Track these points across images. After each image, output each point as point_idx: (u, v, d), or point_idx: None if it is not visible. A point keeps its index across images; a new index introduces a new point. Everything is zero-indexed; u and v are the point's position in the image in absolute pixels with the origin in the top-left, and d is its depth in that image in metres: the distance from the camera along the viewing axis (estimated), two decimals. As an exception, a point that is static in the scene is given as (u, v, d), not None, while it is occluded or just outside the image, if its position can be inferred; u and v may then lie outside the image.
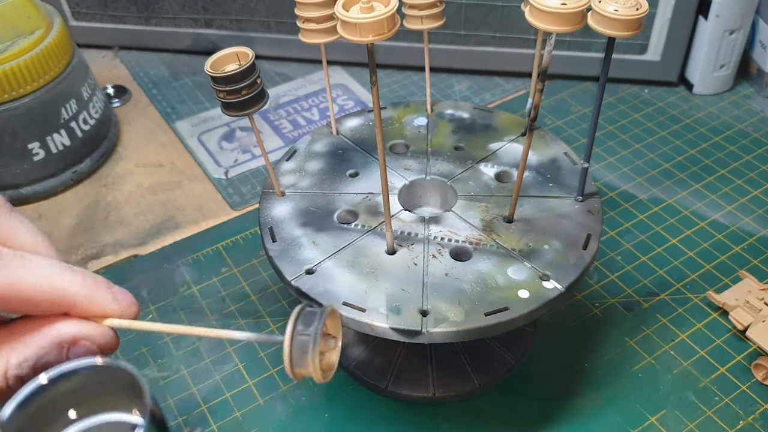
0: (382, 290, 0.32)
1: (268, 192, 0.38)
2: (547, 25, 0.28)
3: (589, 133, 0.34)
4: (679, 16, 0.56)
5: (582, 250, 0.34)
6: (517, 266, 0.33)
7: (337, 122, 0.42)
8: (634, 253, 0.46)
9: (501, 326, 0.31)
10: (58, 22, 0.51)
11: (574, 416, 0.38)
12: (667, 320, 0.42)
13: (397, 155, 0.40)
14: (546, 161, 0.39)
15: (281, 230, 0.36)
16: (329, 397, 0.39)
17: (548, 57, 0.29)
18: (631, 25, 0.28)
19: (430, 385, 0.38)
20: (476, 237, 0.35)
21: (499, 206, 0.36)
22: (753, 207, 0.50)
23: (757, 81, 0.60)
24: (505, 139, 0.41)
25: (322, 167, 0.39)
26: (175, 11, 0.64)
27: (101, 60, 0.66)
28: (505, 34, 0.60)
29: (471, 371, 0.38)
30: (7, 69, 0.47)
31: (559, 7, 0.27)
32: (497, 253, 0.34)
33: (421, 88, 0.62)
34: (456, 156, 0.40)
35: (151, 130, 0.59)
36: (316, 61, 0.65)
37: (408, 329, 0.31)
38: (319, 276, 0.33)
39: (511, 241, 0.34)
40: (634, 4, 0.29)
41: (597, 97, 0.33)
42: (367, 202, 0.37)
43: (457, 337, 0.31)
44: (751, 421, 0.37)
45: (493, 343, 0.39)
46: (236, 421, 0.38)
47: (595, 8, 0.29)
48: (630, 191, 0.51)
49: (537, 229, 0.35)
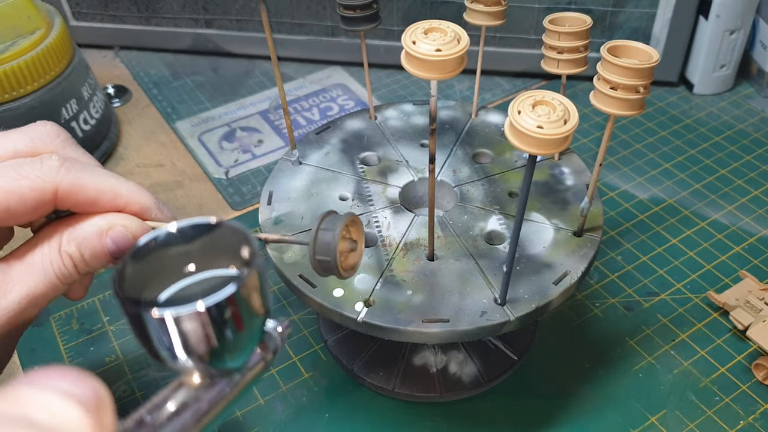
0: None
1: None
2: (424, 72, 0.26)
3: None
4: (679, 16, 0.56)
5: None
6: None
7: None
8: (634, 253, 0.46)
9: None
10: (58, 22, 0.51)
11: (574, 416, 0.38)
12: (668, 320, 0.42)
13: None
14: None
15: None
16: (330, 397, 0.39)
17: (434, 104, 0.27)
18: (555, 144, 0.24)
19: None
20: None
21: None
22: (753, 207, 0.50)
23: (758, 81, 0.60)
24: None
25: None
26: (175, 11, 0.64)
27: (102, 60, 0.67)
28: (505, 34, 0.60)
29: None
30: (8, 69, 0.47)
31: (434, 54, 0.25)
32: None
33: (421, 87, 0.62)
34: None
35: (152, 130, 0.59)
36: (316, 61, 0.65)
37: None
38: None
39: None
40: (560, 116, 0.24)
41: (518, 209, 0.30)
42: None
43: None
44: (752, 421, 0.37)
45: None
46: (237, 421, 0.38)
47: (511, 120, 0.24)
48: (630, 191, 0.51)
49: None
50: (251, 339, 0.20)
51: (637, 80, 0.28)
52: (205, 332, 0.18)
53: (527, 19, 0.58)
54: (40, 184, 0.25)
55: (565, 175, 0.39)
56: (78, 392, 0.14)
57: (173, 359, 0.18)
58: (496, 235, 0.36)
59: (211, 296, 0.18)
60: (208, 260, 0.20)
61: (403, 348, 0.39)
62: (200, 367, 0.19)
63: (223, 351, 0.18)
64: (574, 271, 0.33)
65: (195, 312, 0.17)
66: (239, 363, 0.20)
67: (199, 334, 0.18)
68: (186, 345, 0.18)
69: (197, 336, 0.18)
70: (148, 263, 0.20)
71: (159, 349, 0.18)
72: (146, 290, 0.19)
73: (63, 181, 0.25)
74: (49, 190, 0.25)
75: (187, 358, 0.18)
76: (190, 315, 0.17)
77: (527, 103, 0.25)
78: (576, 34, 0.33)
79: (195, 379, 0.19)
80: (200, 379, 0.19)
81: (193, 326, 0.18)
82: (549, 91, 0.25)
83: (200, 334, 0.18)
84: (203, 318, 0.18)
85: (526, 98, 0.25)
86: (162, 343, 0.18)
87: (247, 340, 0.19)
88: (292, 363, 0.41)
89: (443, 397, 0.37)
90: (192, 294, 0.18)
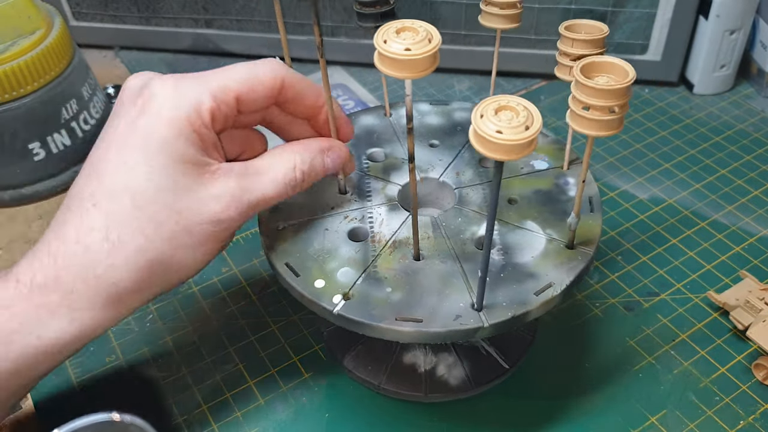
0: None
1: None
2: (395, 71, 0.26)
3: None
4: (679, 16, 0.56)
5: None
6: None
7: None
8: (634, 253, 0.46)
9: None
10: (58, 22, 0.51)
11: (574, 416, 0.38)
12: (668, 320, 0.42)
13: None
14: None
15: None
16: (329, 397, 0.39)
17: (409, 103, 0.26)
18: (516, 149, 0.24)
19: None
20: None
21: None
22: (753, 207, 0.50)
23: (758, 81, 0.60)
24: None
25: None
26: (175, 11, 0.64)
27: (102, 60, 0.67)
28: (505, 34, 0.60)
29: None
30: (8, 69, 0.47)
31: (404, 54, 0.25)
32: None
33: (421, 87, 0.62)
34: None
35: (152, 130, 0.59)
36: (316, 61, 0.65)
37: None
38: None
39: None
40: (522, 121, 0.24)
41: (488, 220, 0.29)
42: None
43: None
44: (752, 421, 0.37)
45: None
46: (237, 421, 0.38)
47: (473, 124, 0.24)
48: (630, 191, 0.51)
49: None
50: None
51: (611, 101, 0.27)
52: None
53: (527, 19, 0.58)
54: (272, 73, 0.34)
55: (569, 186, 0.37)
56: None
57: None
58: None
59: None
60: None
61: (394, 346, 0.39)
62: None
63: None
64: (558, 283, 0.32)
65: None
66: None
67: None
68: None
69: None
70: None
71: None
72: None
73: (287, 76, 0.34)
74: (279, 79, 0.34)
75: None
76: None
77: (491, 108, 0.25)
78: (591, 42, 0.32)
79: None
80: None
81: None
82: (514, 96, 0.25)
83: None
84: None
85: (490, 103, 0.25)
86: None
87: None
88: (292, 363, 0.41)
89: (428, 398, 0.37)
90: None
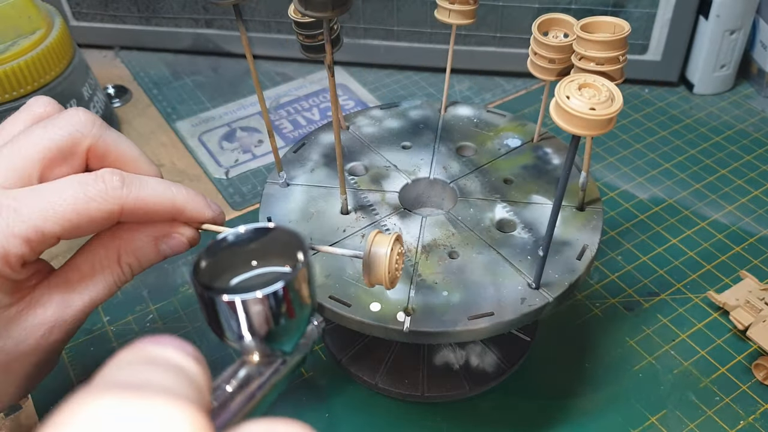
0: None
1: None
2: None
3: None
4: (679, 16, 0.56)
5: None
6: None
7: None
8: (634, 253, 0.46)
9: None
10: (58, 22, 0.51)
11: (574, 416, 0.38)
12: (668, 320, 0.42)
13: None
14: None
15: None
16: (330, 397, 0.39)
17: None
18: (603, 124, 0.25)
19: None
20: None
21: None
22: (753, 207, 0.50)
23: (758, 81, 0.60)
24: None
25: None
26: (175, 11, 0.64)
27: (102, 60, 0.67)
28: (505, 34, 0.60)
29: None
30: (8, 69, 0.47)
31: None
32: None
33: (421, 88, 0.62)
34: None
35: (152, 130, 0.59)
36: (316, 61, 0.65)
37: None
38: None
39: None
40: (608, 96, 0.25)
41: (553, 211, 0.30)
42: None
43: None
44: (752, 421, 0.37)
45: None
46: (237, 420, 0.38)
47: (561, 104, 0.25)
48: (630, 191, 0.51)
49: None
50: (300, 325, 0.23)
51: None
52: (265, 316, 0.21)
53: (527, 19, 0.58)
54: (107, 206, 0.27)
55: (549, 155, 0.40)
56: (189, 348, 0.17)
57: (239, 339, 0.22)
58: (506, 222, 0.36)
59: (270, 286, 0.21)
60: (267, 257, 0.23)
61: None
62: (260, 347, 0.22)
63: (279, 334, 0.22)
64: (591, 243, 0.34)
65: (257, 298, 0.21)
66: (290, 346, 0.23)
67: (260, 317, 0.21)
68: (250, 326, 0.21)
69: (259, 319, 0.21)
70: (219, 258, 0.23)
71: (226, 329, 0.22)
72: (218, 280, 0.22)
73: (127, 200, 0.27)
74: (116, 211, 0.27)
75: (251, 338, 0.22)
76: (254, 300, 0.21)
77: (573, 87, 0.25)
78: (610, 44, 0.31)
79: (255, 358, 0.22)
80: (259, 357, 0.22)
81: (255, 310, 0.21)
82: (589, 74, 0.26)
83: (261, 317, 0.21)
84: (264, 303, 0.21)
85: (569, 83, 0.25)
86: (229, 325, 0.21)
87: (297, 326, 0.23)
88: (292, 363, 0.41)
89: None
90: (254, 285, 0.21)
